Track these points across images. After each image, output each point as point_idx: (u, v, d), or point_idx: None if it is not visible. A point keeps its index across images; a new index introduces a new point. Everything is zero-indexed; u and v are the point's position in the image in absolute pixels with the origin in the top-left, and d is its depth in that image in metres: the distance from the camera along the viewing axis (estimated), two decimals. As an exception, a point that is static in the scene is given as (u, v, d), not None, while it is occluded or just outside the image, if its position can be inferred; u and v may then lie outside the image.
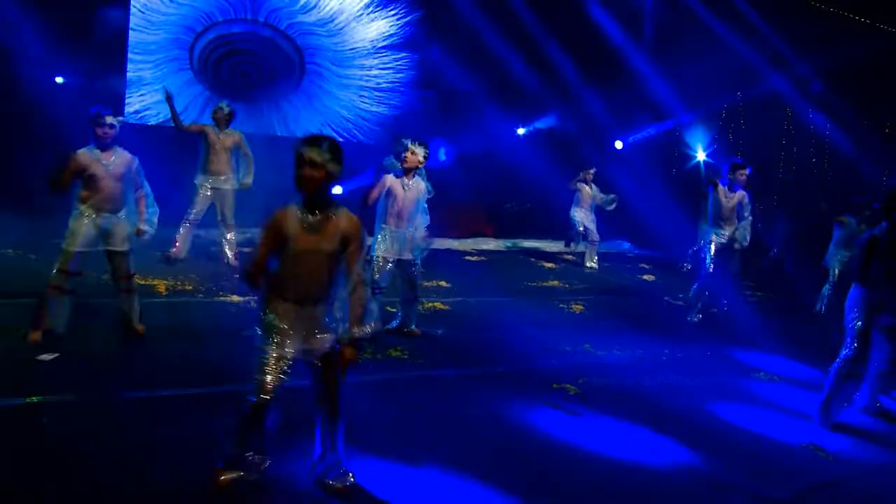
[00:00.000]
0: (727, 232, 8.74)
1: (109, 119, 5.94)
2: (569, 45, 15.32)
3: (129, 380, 5.38)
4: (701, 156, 17.57)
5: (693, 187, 16.84)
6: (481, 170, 14.76)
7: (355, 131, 15.46)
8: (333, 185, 3.80)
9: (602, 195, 12.69)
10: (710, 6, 15.41)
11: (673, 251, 13.38)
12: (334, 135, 14.95)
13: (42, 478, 3.86)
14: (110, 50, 13.39)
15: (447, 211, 13.33)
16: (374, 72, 15.41)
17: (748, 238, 8.78)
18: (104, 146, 5.98)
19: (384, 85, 15.53)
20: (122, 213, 6.19)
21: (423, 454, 4.52)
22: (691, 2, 15.48)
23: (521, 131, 16.12)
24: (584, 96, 15.81)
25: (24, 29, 12.03)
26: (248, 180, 9.63)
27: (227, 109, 9.47)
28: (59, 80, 13.58)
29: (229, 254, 9.73)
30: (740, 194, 8.76)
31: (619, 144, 16.84)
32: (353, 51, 15.23)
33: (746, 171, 8.74)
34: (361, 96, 15.43)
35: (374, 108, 15.53)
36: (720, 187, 8.78)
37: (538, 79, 15.38)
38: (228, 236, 9.75)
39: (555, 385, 6.01)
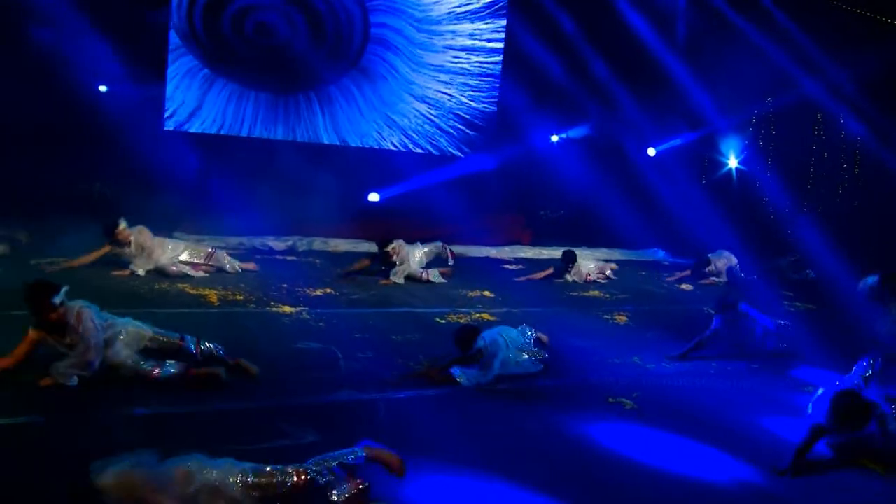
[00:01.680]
0: None
1: None
2: (603, 54, 15.38)
3: (194, 393, 5.48)
4: (733, 163, 17.60)
5: (725, 194, 16.91)
6: (516, 176, 14.85)
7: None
8: None
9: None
10: (741, 12, 15.42)
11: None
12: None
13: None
14: (152, 55, 13.53)
15: (484, 218, 13.50)
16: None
17: None
18: None
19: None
20: None
21: (483, 466, 4.63)
22: (723, 9, 15.50)
23: (554, 138, 16.18)
24: (616, 104, 15.87)
25: (70, 37, 12.24)
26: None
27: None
28: (102, 88, 13.81)
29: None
30: None
31: (651, 152, 16.88)
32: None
33: None
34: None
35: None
36: None
37: (572, 86, 15.47)
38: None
39: (610, 399, 6.11)
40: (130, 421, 4.98)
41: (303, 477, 3.75)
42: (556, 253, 12.46)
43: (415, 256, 10.44)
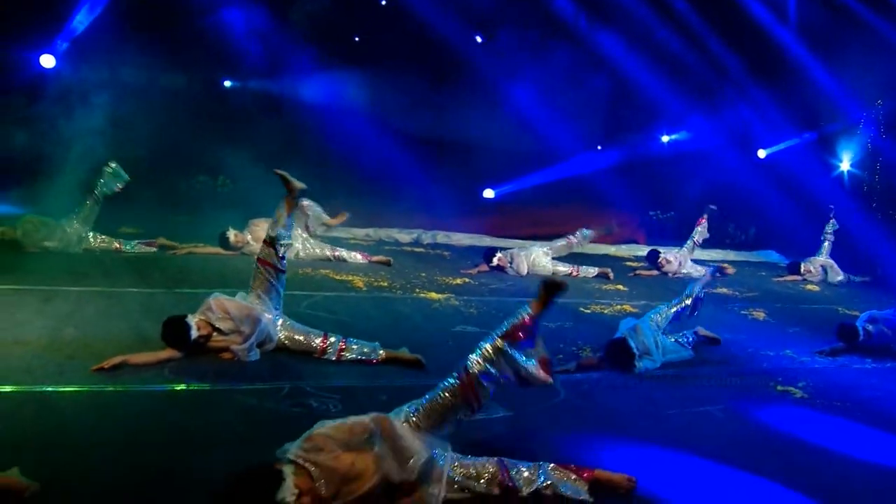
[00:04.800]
0: None
1: None
2: (716, 56, 15.27)
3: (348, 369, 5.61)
4: (845, 165, 17.22)
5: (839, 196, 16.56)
6: (629, 176, 14.84)
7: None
8: None
9: None
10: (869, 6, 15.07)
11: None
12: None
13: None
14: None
15: (603, 217, 13.54)
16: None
17: None
18: None
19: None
20: None
21: (675, 445, 4.69)
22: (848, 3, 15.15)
23: (665, 139, 16.12)
24: (728, 105, 15.76)
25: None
26: None
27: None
28: (227, 84, 14.40)
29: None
30: None
31: (762, 153, 16.66)
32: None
33: None
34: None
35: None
36: None
37: (683, 87, 15.41)
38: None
39: (778, 387, 6.12)
40: (299, 392, 5.02)
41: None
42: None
43: (535, 259, 10.46)
